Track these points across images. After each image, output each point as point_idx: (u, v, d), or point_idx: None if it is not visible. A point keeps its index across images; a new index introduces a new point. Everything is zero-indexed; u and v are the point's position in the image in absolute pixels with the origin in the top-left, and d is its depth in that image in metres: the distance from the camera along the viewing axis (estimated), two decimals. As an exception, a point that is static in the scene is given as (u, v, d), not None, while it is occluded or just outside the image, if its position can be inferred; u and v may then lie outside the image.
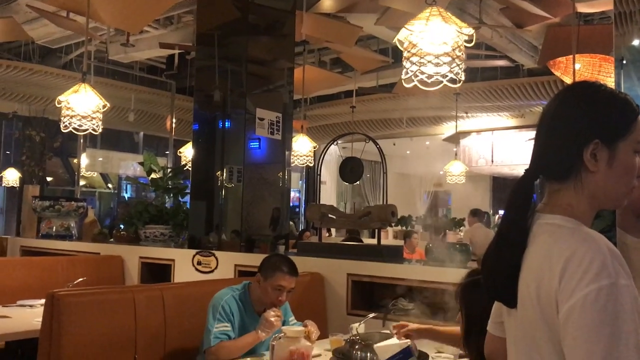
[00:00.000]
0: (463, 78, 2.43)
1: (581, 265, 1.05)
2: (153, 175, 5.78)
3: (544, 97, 8.16)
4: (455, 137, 10.68)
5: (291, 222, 11.24)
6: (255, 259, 4.05)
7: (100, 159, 11.92)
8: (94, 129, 4.20)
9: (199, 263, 4.38)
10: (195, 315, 2.88)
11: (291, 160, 5.75)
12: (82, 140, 8.40)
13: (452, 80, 2.40)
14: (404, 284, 3.38)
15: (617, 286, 1.02)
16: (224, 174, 4.80)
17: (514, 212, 1.23)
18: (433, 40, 2.29)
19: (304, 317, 2.98)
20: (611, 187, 1.18)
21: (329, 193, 12.86)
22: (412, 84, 2.40)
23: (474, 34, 2.52)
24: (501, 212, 9.02)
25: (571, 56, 4.61)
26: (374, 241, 4.09)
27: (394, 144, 11.84)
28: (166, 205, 5.74)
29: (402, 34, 2.39)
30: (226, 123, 4.94)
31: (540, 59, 6.36)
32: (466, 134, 10.83)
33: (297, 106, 7.96)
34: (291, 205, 11.04)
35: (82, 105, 4.11)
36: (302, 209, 13.22)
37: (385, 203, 4.11)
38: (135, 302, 2.74)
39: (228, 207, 4.84)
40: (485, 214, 8.77)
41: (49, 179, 11.05)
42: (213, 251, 4.39)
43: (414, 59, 2.34)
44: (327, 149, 4.59)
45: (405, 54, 2.40)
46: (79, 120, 4.11)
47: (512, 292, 1.19)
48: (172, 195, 5.75)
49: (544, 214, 1.20)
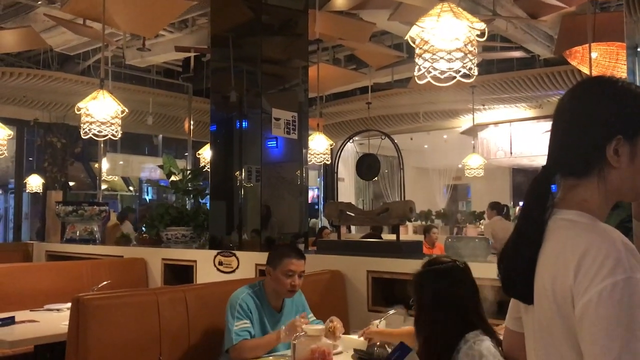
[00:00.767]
0: (476, 73, 2.44)
1: (596, 260, 1.06)
2: (173, 178, 5.84)
3: (562, 87, 8.08)
4: (473, 130, 10.62)
5: (314, 220, 11.29)
6: (276, 258, 4.09)
7: (121, 162, 12.07)
8: (113, 135, 4.26)
9: (220, 263, 4.43)
10: (217, 315, 2.92)
11: (308, 159, 5.78)
12: (102, 145, 8.52)
13: (466, 75, 2.40)
14: (424, 279, 3.37)
15: (632, 280, 1.03)
16: (243, 174, 4.84)
17: (531, 208, 1.24)
18: (445, 36, 2.29)
19: (325, 315, 3.00)
20: (633, 182, 1.19)
21: (347, 190, 12.86)
22: (425, 81, 2.41)
23: (486, 29, 2.52)
24: (521, 204, 8.96)
25: (587, 45, 4.56)
26: (394, 237, 4.09)
27: (411, 139, 11.81)
28: (186, 206, 5.80)
29: (414, 31, 2.40)
30: (243, 123, 4.98)
31: (557, 49, 6.30)
32: (484, 126, 10.76)
33: (313, 104, 7.98)
34: (310, 202, 11.08)
35: (101, 111, 4.18)
36: (321, 207, 13.25)
37: (403, 199, 4.11)
38: (159, 304, 2.78)
39: (247, 206, 4.88)
40: (504, 206, 8.70)
41: (71, 183, 11.22)
42: (234, 251, 4.43)
43: (427, 55, 2.35)
44: (344, 147, 4.61)
45: (417, 50, 2.41)
46: (99, 126, 4.18)
47: (528, 289, 1.20)
48: (192, 196, 5.82)
49: (560, 210, 1.21)
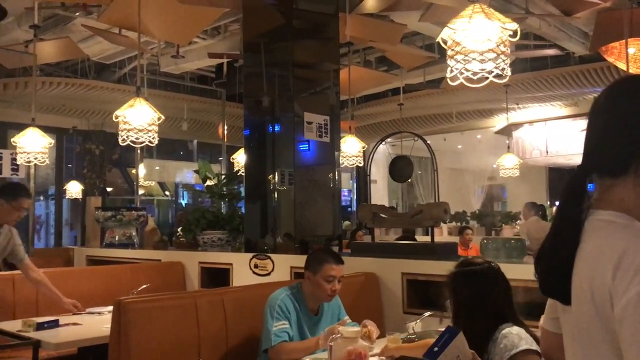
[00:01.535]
0: (509, 73, 2.42)
1: (634, 261, 1.05)
2: (208, 182, 5.94)
3: (598, 84, 7.92)
4: (508, 129, 10.48)
5: (347, 222, 11.30)
6: (310, 261, 4.12)
7: (157, 168, 12.29)
8: (150, 141, 4.36)
9: (255, 266, 4.48)
10: (255, 317, 2.97)
11: (340, 161, 5.80)
12: (139, 151, 8.70)
13: (498, 76, 2.39)
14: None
15: None
16: (276, 177, 4.89)
17: (567, 208, 1.23)
18: (477, 37, 2.29)
19: (360, 318, 3.02)
20: None
21: (380, 192, 12.83)
22: (457, 82, 2.41)
23: (519, 27, 2.50)
24: (557, 204, 8.79)
25: (624, 41, 4.47)
26: (428, 238, 4.08)
27: (444, 139, 11.72)
28: (222, 210, 5.89)
29: (445, 33, 2.40)
30: (275, 127, 5.03)
31: (592, 46, 6.18)
32: (518, 125, 10.61)
33: (344, 107, 8.00)
34: (342, 205, 11.08)
35: (138, 118, 4.28)
36: (354, 209, 13.24)
37: (437, 201, 4.10)
38: (197, 306, 2.84)
39: (281, 210, 4.93)
40: (541, 206, 8.56)
41: (109, 189, 11.48)
42: (269, 254, 4.48)
43: (459, 57, 2.34)
44: (376, 149, 4.61)
45: (449, 52, 2.41)
46: (136, 133, 4.28)
47: (566, 289, 1.20)
48: (227, 200, 5.90)
49: (597, 210, 1.20)
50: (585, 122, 1.28)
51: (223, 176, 6.14)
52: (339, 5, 5.44)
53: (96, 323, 3.69)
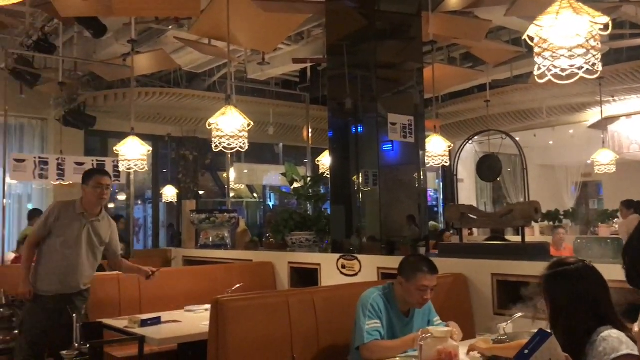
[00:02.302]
0: (600, 68, 2.34)
1: None
2: (295, 185, 6.09)
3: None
4: (602, 124, 9.96)
5: (434, 223, 11.17)
6: (397, 262, 4.12)
7: (245, 171, 12.68)
8: (241, 147, 4.54)
9: (343, 267, 4.56)
10: (344, 316, 3.03)
11: (426, 161, 5.77)
12: (229, 156, 9.05)
13: (589, 72, 2.32)
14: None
15: None
16: (360, 178, 4.94)
17: None
18: (565, 33, 2.23)
19: (449, 318, 3.02)
20: None
21: (467, 191, 12.57)
22: (545, 79, 2.36)
23: (612, 18, 2.41)
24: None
25: None
26: (519, 238, 3.99)
27: (534, 135, 11.31)
28: (308, 212, 6.02)
29: (532, 30, 2.35)
30: (359, 128, 5.09)
31: (696, 32, 5.79)
32: (614, 119, 10.06)
33: (429, 105, 7.94)
34: (429, 205, 10.97)
35: (230, 125, 4.47)
36: (441, 209, 13.06)
37: (527, 199, 4.00)
38: (289, 305, 2.95)
39: (366, 210, 4.98)
40: (638, 203, 8.09)
41: (200, 192, 12.00)
42: (355, 255, 4.54)
43: (546, 54, 2.30)
44: (463, 148, 4.56)
45: (536, 49, 2.36)
46: (228, 139, 4.48)
47: None
48: (313, 202, 6.02)
49: None
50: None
51: (309, 178, 6.27)
52: (422, 4, 5.42)
53: (195, 320, 3.88)
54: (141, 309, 4.48)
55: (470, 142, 4.53)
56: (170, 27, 7.36)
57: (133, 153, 5.77)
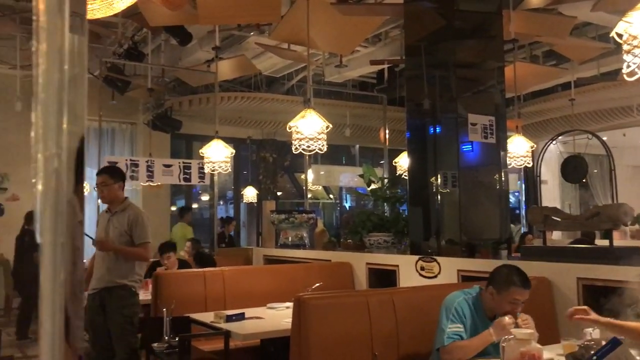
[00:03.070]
0: (697, 64, 2.24)
1: None
2: (372, 186, 6.12)
3: None
4: (700, 121, 9.37)
5: (512, 225, 10.88)
6: (478, 265, 4.10)
7: (322, 172, 12.84)
8: (320, 149, 4.64)
9: (422, 268, 4.55)
10: (424, 317, 3.05)
11: (507, 162, 5.64)
12: (307, 158, 9.22)
13: (684, 68, 2.22)
14: (643, 288, 3.14)
15: None
16: (439, 179, 4.91)
17: None
18: (657, 29, 2.15)
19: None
20: None
21: (551, 193, 12.14)
22: (635, 77, 2.28)
23: None
24: None
25: None
26: (606, 242, 3.84)
27: (624, 135, 10.77)
28: (385, 213, 6.03)
29: (620, 27, 2.28)
30: (437, 129, 5.05)
31: None
32: None
33: (510, 105, 7.76)
34: (510, 207, 10.67)
35: (309, 128, 4.58)
36: (523, 211, 12.67)
37: (615, 201, 3.85)
38: (369, 305, 2.99)
39: (444, 212, 4.94)
40: None
41: (278, 193, 12.26)
42: (435, 257, 4.52)
43: (636, 51, 2.22)
44: (546, 149, 4.45)
45: (625, 47, 2.29)
46: (307, 142, 4.59)
47: None
48: (390, 203, 6.03)
49: None
50: None
51: (386, 180, 6.28)
52: (502, 2, 5.32)
53: (276, 317, 3.99)
54: (225, 304, 4.65)
55: (554, 142, 4.41)
56: (251, 33, 7.59)
57: (217, 155, 6.00)
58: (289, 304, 4.02)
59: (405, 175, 6.01)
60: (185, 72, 8.75)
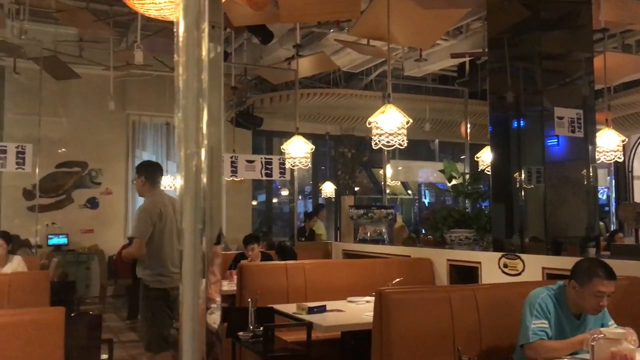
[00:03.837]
0: None
1: None
2: (453, 182, 6.04)
3: None
4: None
5: (601, 223, 10.41)
6: (564, 262, 3.97)
7: (400, 168, 12.77)
8: (400, 144, 4.64)
9: (505, 266, 4.46)
10: (507, 314, 3.01)
11: (596, 156, 5.42)
12: (386, 153, 9.22)
13: None
14: None
15: None
16: (523, 175, 4.79)
17: None
18: None
19: (623, 324, 2.84)
20: None
21: (644, 188, 11.49)
22: None
23: None
24: None
25: None
26: None
27: None
28: (467, 209, 5.94)
29: None
30: (522, 123, 4.93)
31: None
32: None
33: (600, 97, 7.42)
34: (599, 203, 10.20)
35: (389, 123, 4.59)
36: (612, 208, 12.08)
37: None
38: (451, 300, 2.99)
39: (529, 209, 4.81)
40: None
41: (356, 189, 12.31)
42: (518, 254, 4.42)
43: None
44: (639, 142, 4.24)
45: None
46: (387, 137, 4.60)
47: None
48: (472, 199, 5.93)
49: None
50: None
51: (467, 175, 6.18)
52: (591, -10, 5.11)
53: (357, 311, 4.05)
54: (306, 297, 4.75)
55: (648, 135, 4.19)
56: (331, 30, 7.67)
57: (298, 151, 6.13)
58: (369, 298, 4.07)
59: (487, 171, 5.90)
60: (266, 70, 8.95)
